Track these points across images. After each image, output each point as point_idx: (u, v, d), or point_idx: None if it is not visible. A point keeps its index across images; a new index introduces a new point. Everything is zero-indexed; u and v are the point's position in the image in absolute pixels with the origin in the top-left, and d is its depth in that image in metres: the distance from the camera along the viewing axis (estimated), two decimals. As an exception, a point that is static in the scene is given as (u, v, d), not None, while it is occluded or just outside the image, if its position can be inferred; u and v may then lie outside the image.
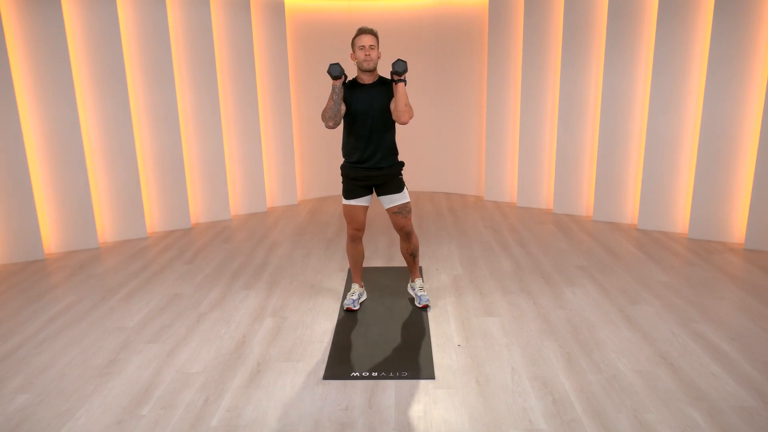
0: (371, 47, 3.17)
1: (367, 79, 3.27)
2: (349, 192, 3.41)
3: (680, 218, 5.05)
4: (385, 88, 3.27)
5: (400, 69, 3.10)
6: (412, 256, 3.57)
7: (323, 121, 3.25)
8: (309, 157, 6.46)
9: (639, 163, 5.20)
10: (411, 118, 3.22)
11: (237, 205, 5.88)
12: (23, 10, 4.35)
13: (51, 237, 4.73)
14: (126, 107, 4.87)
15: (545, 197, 5.97)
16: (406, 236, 3.49)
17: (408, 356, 2.96)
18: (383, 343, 3.12)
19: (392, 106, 3.22)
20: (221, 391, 2.66)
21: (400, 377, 2.75)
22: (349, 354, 3.00)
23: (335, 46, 6.29)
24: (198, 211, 5.60)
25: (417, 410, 2.50)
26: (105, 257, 4.62)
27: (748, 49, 4.44)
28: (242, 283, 4.01)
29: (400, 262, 4.38)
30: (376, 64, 3.24)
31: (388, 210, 3.43)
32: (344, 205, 3.44)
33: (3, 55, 4.24)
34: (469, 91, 6.41)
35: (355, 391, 2.65)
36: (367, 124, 3.28)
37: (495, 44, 5.96)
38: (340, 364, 2.89)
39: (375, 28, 3.38)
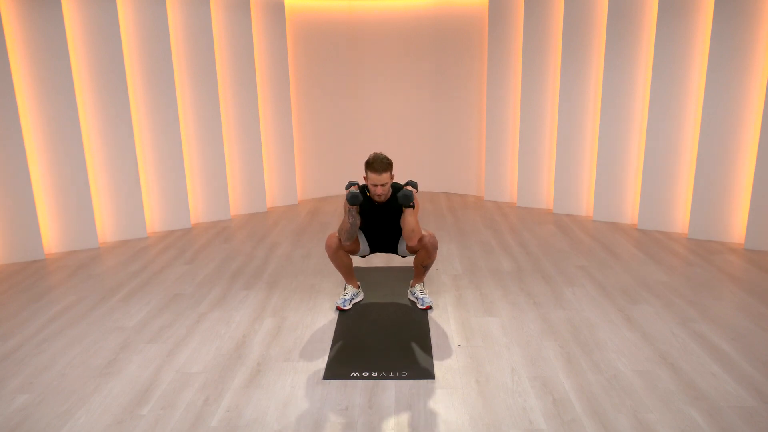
0: (383, 185, 3.24)
1: (379, 199, 3.35)
2: (361, 228, 3.51)
3: (680, 218, 5.05)
4: (396, 207, 3.36)
5: (406, 203, 3.21)
6: (425, 267, 3.55)
7: (339, 236, 3.37)
8: (309, 157, 6.46)
9: (639, 163, 5.20)
10: (419, 238, 3.31)
11: (237, 205, 5.88)
12: (23, 10, 4.35)
13: (51, 237, 4.73)
14: (126, 107, 4.87)
15: (545, 197, 5.97)
16: (434, 248, 3.40)
17: (408, 356, 2.96)
18: (383, 343, 3.12)
19: (402, 225, 3.31)
20: (221, 391, 2.66)
21: (400, 377, 2.75)
22: (349, 354, 3.00)
23: (335, 46, 6.30)
24: (198, 211, 5.60)
25: (417, 410, 2.50)
26: (105, 257, 4.62)
27: (748, 50, 4.44)
28: (242, 283, 4.01)
29: (400, 262, 4.38)
30: (388, 197, 3.34)
31: (408, 247, 3.46)
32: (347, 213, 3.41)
33: (3, 55, 4.24)
34: (469, 91, 6.41)
35: (355, 391, 2.65)
36: (379, 235, 3.51)
37: (495, 44, 5.96)
38: (340, 364, 2.89)
39: (375, 28, 3.38)
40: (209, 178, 5.56)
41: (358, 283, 3.73)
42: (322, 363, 2.90)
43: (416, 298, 3.60)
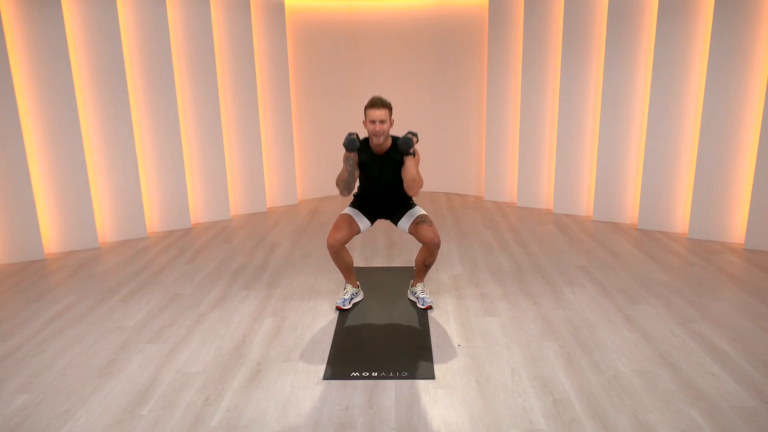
0: (382, 122, 3.22)
1: (379, 148, 3.33)
2: (356, 206, 3.51)
3: (680, 218, 5.05)
4: (396, 156, 3.33)
5: (406, 148, 3.20)
6: (426, 266, 3.53)
7: (337, 187, 3.36)
8: (309, 157, 6.46)
9: (639, 163, 5.20)
10: (420, 188, 3.31)
11: (237, 205, 5.88)
12: (23, 10, 4.35)
13: (51, 237, 4.73)
14: (126, 107, 4.87)
15: (545, 197, 5.97)
16: (436, 247, 3.38)
17: (408, 356, 2.96)
18: (383, 343, 3.12)
19: (402, 174, 3.30)
20: (221, 391, 2.66)
21: (400, 377, 2.75)
22: (349, 354, 2.99)
23: (335, 46, 6.30)
24: (198, 211, 5.60)
25: (417, 410, 2.50)
26: (105, 257, 4.62)
27: (748, 50, 4.44)
28: (242, 283, 4.01)
29: (400, 262, 4.38)
30: (387, 136, 3.30)
31: (410, 230, 3.43)
32: (342, 214, 3.46)
33: (3, 55, 4.24)
34: (469, 91, 6.41)
35: (355, 391, 2.65)
36: (379, 187, 3.44)
37: (495, 44, 5.96)
38: (340, 364, 2.89)
39: (375, 28, 3.38)
40: (209, 178, 5.57)
41: (358, 282, 3.73)
42: (322, 363, 2.90)
43: (416, 298, 3.60)
